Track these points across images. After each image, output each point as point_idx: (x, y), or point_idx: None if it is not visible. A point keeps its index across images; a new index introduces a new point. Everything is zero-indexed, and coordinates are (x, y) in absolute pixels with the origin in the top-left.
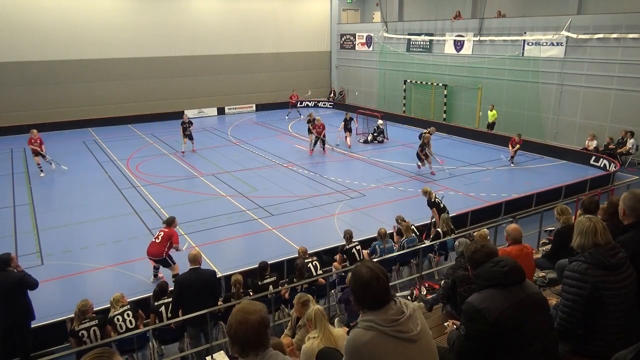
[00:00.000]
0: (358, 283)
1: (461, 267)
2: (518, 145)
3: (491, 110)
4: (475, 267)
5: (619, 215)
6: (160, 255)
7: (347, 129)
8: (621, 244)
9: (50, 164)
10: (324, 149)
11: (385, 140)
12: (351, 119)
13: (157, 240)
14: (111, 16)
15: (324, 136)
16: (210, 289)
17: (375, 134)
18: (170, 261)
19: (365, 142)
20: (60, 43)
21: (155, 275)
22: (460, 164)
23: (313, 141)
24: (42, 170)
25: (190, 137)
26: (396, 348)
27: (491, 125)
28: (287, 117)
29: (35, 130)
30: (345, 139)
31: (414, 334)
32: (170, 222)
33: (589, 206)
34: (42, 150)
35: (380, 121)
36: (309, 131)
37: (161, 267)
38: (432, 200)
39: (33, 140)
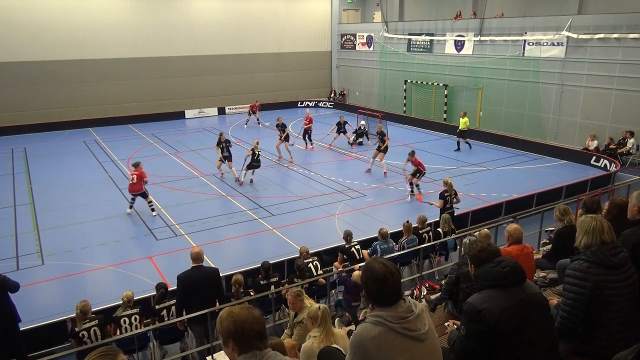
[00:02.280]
0: (372, 278)
1: (466, 263)
2: (412, 171)
3: (463, 117)
4: (479, 266)
5: (630, 213)
6: (141, 189)
7: (341, 131)
8: (623, 237)
9: None
10: (310, 143)
11: (368, 141)
12: (345, 122)
13: (134, 181)
14: (111, 16)
15: (310, 130)
16: (213, 287)
17: (357, 135)
18: (147, 192)
19: (350, 144)
20: (60, 43)
21: (153, 210)
22: (460, 164)
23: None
24: None
25: (230, 159)
26: (403, 345)
27: (462, 133)
28: (245, 127)
29: None
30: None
31: (421, 332)
32: (138, 164)
33: (591, 206)
34: None
35: (362, 122)
36: (282, 138)
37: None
38: (445, 194)
39: None
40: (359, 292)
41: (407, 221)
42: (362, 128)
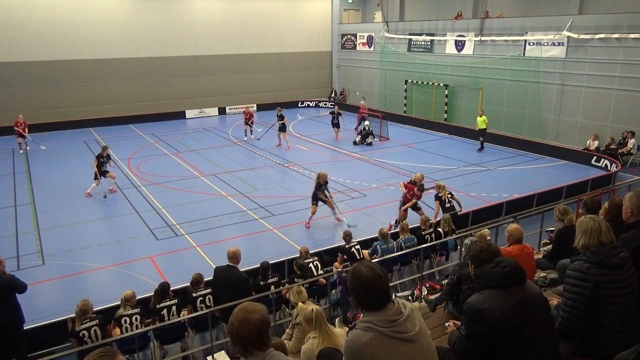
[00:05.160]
0: (359, 282)
1: (467, 265)
2: None
3: (480, 116)
4: (479, 266)
5: (624, 214)
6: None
7: (334, 124)
8: (623, 240)
9: (27, 146)
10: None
11: (374, 141)
12: (339, 113)
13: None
14: (112, 16)
15: (252, 123)
16: (239, 291)
17: (362, 135)
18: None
19: (354, 143)
20: (61, 43)
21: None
22: (461, 164)
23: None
24: (21, 149)
25: (105, 174)
26: (395, 348)
27: (482, 132)
28: (245, 139)
29: (21, 115)
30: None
31: (412, 334)
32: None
33: (591, 206)
34: (25, 133)
35: (366, 122)
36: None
37: None
38: (440, 196)
39: (19, 124)
40: None
41: (403, 221)
42: (367, 128)
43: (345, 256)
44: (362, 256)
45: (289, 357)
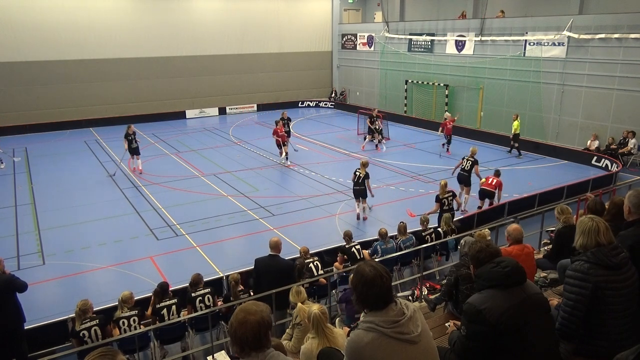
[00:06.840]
0: (362, 281)
1: (465, 265)
2: None
3: (515, 120)
4: (478, 266)
5: (624, 213)
6: None
7: (373, 130)
8: (621, 237)
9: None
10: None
11: (382, 140)
12: (378, 116)
13: None
14: (112, 16)
15: (285, 143)
16: (286, 277)
17: (374, 133)
18: None
19: (375, 140)
20: (61, 43)
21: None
22: None
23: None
24: (1, 162)
25: (137, 152)
26: (397, 349)
27: (516, 137)
28: (288, 164)
29: None
30: (371, 141)
31: (414, 335)
32: None
33: (595, 207)
34: None
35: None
36: (370, 130)
37: None
38: (440, 198)
39: None
40: None
41: (402, 222)
42: (380, 128)
43: (345, 256)
44: (362, 256)
45: (289, 358)
